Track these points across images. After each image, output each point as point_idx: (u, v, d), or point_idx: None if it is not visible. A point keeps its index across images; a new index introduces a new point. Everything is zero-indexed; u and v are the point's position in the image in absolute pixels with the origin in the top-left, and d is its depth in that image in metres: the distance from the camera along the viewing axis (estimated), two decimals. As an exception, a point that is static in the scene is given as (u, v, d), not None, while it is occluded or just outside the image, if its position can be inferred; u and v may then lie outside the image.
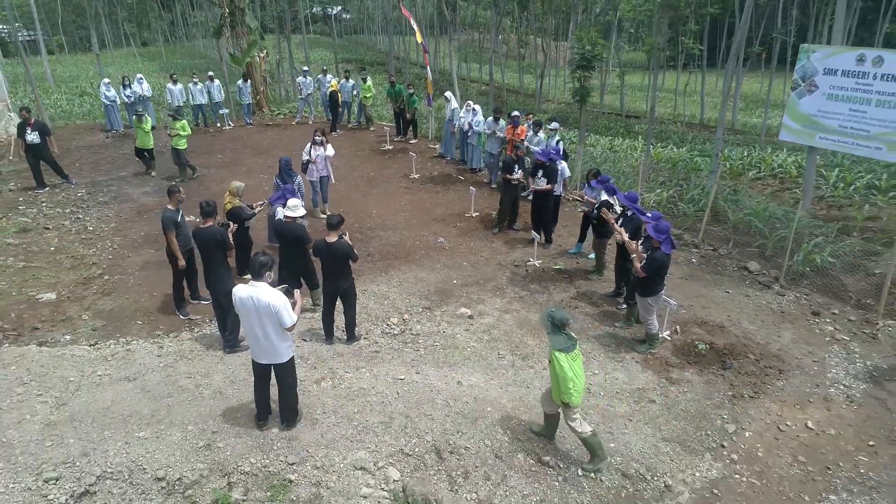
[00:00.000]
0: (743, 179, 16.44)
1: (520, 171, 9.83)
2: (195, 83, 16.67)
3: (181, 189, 7.27)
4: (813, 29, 26.29)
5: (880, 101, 10.34)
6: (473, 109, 12.87)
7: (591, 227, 8.95)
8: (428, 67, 14.77)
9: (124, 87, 16.30)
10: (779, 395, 6.37)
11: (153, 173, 13.29)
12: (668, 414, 5.97)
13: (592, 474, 5.09)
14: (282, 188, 8.11)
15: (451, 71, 20.41)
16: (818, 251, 9.20)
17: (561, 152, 10.07)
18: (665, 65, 42.31)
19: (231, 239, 6.55)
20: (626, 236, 7.10)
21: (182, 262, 7.16)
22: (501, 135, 11.84)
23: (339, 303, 6.66)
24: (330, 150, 10.31)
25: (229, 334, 6.49)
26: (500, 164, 11.32)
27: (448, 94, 14.31)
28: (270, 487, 4.72)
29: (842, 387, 6.53)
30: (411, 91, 15.09)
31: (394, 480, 4.88)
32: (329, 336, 6.70)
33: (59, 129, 17.06)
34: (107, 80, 16.19)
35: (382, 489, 4.78)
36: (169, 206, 7.09)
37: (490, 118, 12.21)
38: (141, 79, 16.82)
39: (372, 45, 70.55)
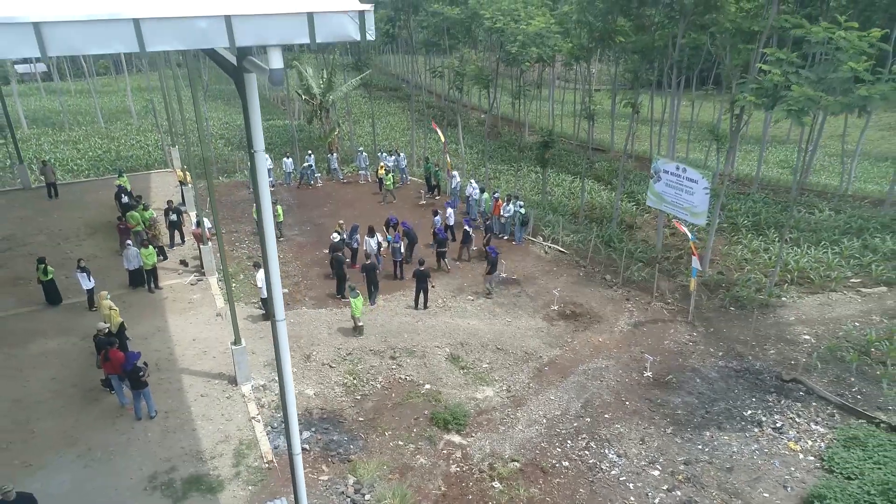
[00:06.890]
0: (643, 219, 26.38)
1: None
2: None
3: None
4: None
5: (686, 189, 19.93)
6: (474, 187, 22.78)
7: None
8: (446, 154, 24.66)
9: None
10: (593, 330, 16.29)
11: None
12: (546, 335, 15.90)
13: (355, 335, 15.04)
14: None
15: (455, 100, 30.40)
16: (639, 270, 19.20)
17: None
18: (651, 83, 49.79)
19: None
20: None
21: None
22: (483, 196, 21.98)
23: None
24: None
25: (373, 301, 16.45)
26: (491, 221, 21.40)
27: (455, 172, 24.28)
28: (407, 352, 14.66)
29: (620, 327, 16.48)
30: (437, 168, 25.13)
31: (447, 351, 14.85)
32: (416, 307, 16.64)
33: (218, 186, 27.04)
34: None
35: (444, 353, 14.75)
36: (338, 253, 17.00)
37: (486, 193, 22.25)
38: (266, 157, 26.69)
39: (383, 68, 79.25)
